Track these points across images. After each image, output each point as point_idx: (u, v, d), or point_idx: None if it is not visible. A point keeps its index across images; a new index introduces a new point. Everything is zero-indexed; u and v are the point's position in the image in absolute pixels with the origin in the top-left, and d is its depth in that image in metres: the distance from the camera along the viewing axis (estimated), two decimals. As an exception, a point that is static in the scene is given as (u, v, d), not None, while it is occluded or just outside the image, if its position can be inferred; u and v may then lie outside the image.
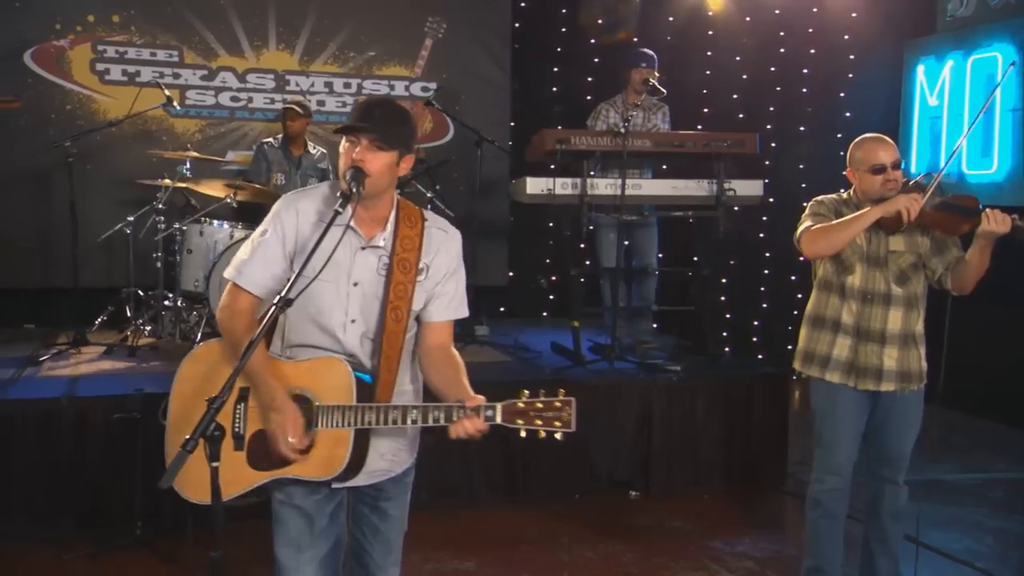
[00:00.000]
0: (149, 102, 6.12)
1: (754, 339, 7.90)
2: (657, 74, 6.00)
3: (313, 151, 6.29)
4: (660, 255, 6.67)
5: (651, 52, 6.14)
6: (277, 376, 2.43)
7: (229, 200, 5.54)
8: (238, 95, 7.12)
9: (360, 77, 7.43)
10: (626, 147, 5.28)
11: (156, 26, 6.96)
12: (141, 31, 6.93)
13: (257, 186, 5.66)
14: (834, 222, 3.46)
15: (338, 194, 2.39)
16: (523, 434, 2.29)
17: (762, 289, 8.10)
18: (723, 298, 7.85)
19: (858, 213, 3.42)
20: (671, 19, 7.88)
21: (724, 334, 7.34)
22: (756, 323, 8.03)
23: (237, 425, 2.46)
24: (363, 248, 2.48)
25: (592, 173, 5.58)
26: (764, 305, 8.08)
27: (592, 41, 7.99)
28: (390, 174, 2.46)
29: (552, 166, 5.50)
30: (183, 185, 5.65)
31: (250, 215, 5.58)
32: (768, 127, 7.86)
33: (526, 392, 2.31)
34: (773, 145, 7.70)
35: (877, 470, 3.64)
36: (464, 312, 2.63)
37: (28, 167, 6.36)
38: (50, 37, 6.74)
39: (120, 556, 4.05)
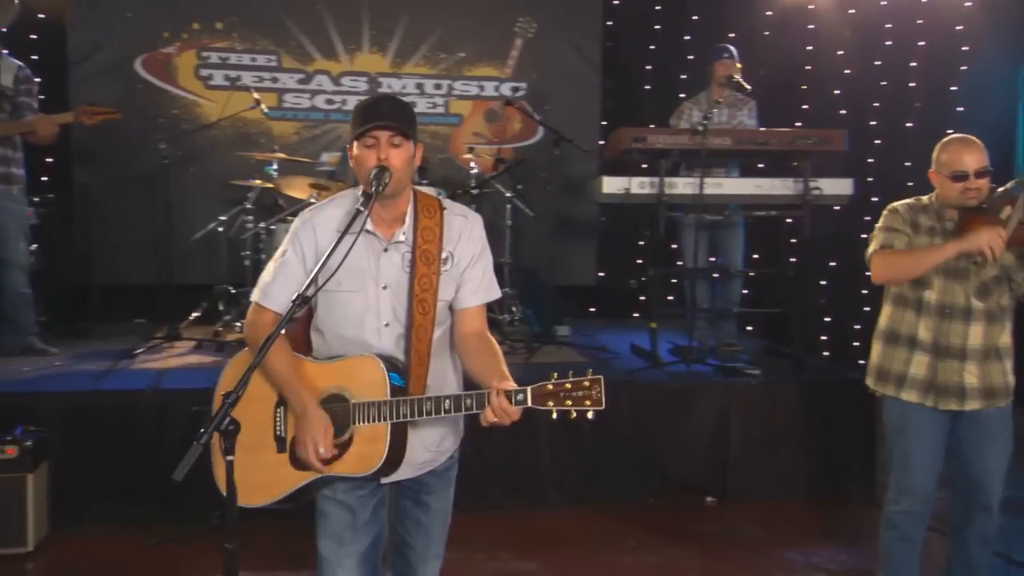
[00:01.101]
0: (243, 105, 6.37)
1: (854, 343, 7.61)
2: (739, 65, 5.84)
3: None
4: (756, 256, 6.53)
5: (731, 46, 6.00)
6: (312, 376, 2.49)
7: (312, 200, 5.70)
8: (332, 97, 7.31)
9: (450, 78, 7.53)
10: (705, 145, 5.17)
11: (256, 32, 7.22)
12: (242, 37, 7.21)
13: (342, 185, 5.81)
14: (907, 253, 3.29)
15: (359, 194, 2.44)
16: (555, 415, 2.29)
17: (863, 292, 7.78)
18: (822, 301, 7.60)
19: (933, 249, 3.23)
20: (768, 13, 7.67)
21: (823, 338, 7.11)
22: (856, 327, 7.72)
23: (279, 428, 2.53)
24: (385, 249, 2.52)
25: (678, 172, 5.52)
26: (866, 308, 7.76)
27: (687, 38, 7.86)
28: (410, 167, 2.50)
29: (644, 165, 5.45)
30: (270, 185, 5.85)
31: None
32: (872, 123, 7.55)
33: (555, 375, 2.31)
34: (878, 142, 7.40)
35: (964, 492, 3.45)
36: (494, 295, 2.65)
37: (138, 169, 6.69)
38: (158, 45, 7.10)
39: (196, 543, 4.20)
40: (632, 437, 5.01)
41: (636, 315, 7.71)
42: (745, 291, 6.73)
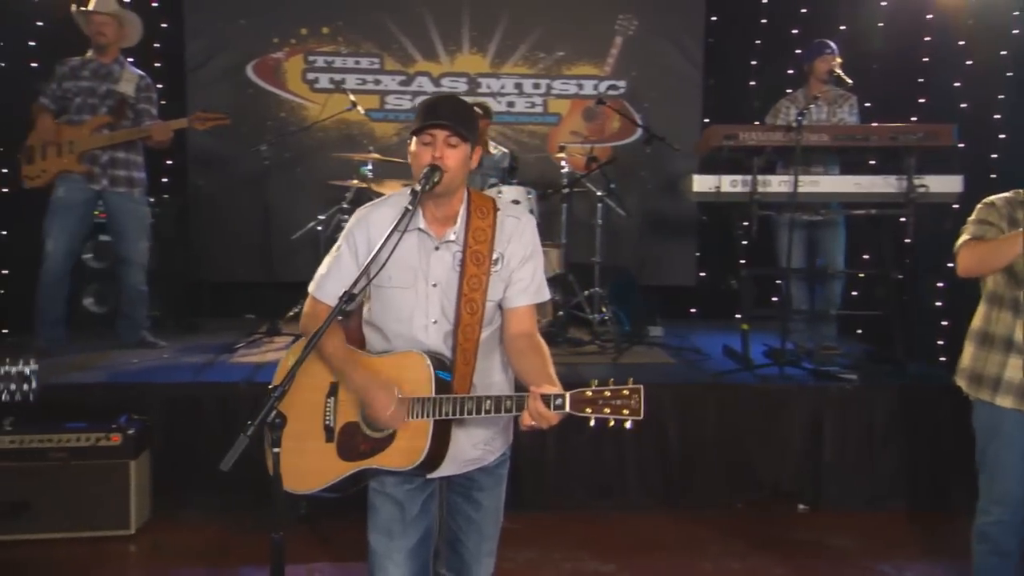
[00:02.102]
0: (340, 107, 6.58)
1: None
2: (839, 60, 5.65)
3: (494, 151, 6.45)
4: (867, 256, 6.30)
5: (830, 41, 5.81)
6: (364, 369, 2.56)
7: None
8: (433, 98, 7.42)
9: (549, 77, 7.55)
10: (800, 142, 5.01)
11: (360, 35, 7.42)
12: (347, 41, 7.42)
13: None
14: (991, 241, 3.12)
15: (409, 191, 2.48)
16: (592, 423, 2.27)
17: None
18: (938, 304, 7.26)
19: (1015, 233, 3.06)
20: (883, 3, 7.37)
21: (940, 343, 6.79)
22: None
23: (328, 418, 2.61)
24: (436, 248, 2.55)
25: (774, 170, 5.37)
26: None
27: (795, 31, 7.64)
28: (465, 168, 2.53)
29: (753, 162, 5.31)
30: (365, 186, 6.00)
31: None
32: (996, 117, 7.16)
33: (595, 381, 2.30)
34: (1002, 136, 7.01)
35: None
36: (543, 296, 2.66)
37: (247, 170, 6.97)
38: (269, 50, 7.39)
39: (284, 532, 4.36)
40: (720, 441, 4.91)
41: (738, 316, 7.53)
42: (854, 293, 6.50)
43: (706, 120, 7.57)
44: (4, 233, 6.77)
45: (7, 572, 4.08)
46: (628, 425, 2.25)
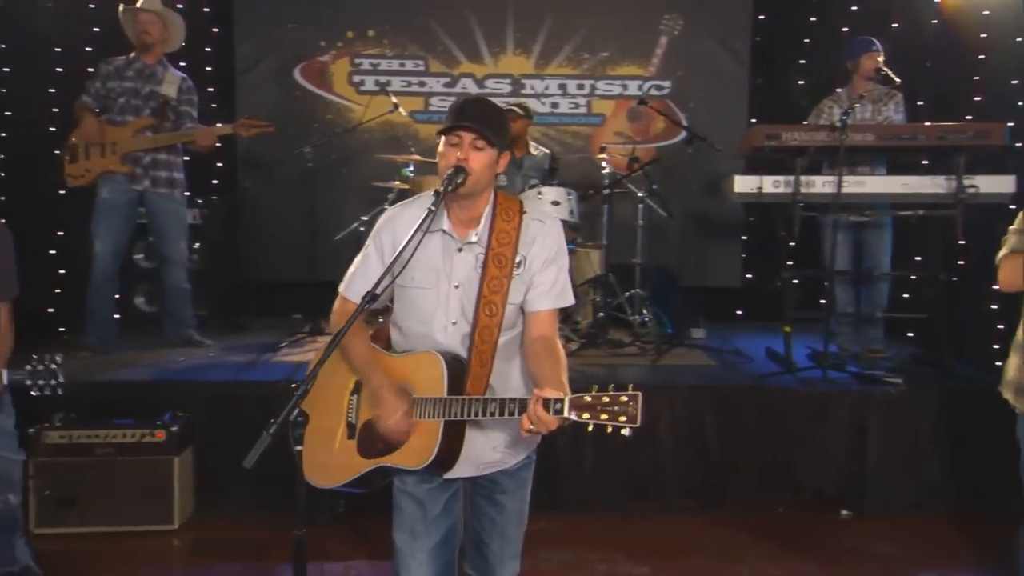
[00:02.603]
0: (383, 109, 6.65)
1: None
2: (883, 58, 5.54)
3: (535, 152, 6.45)
4: (919, 258, 6.16)
5: (874, 38, 5.70)
6: (384, 368, 2.59)
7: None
8: (477, 100, 7.44)
9: (593, 78, 7.53)
10: (844, 142, 4.93)
11: (405, 37, 7.48)
12: (392, 44, 7.49)
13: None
14: None
15: (433, 192, 2.50)
16: (590, 428, 2.24)
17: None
18: (994, 307, 7.07)
19: None
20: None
21: (995, 347, 6.62)
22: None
23: (350, 415, 2.65)
24: (460, 249, 2.57)
25: (819, 170, 5.29)
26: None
27: (845, 29, 7.50)
28: (490, 171, 2.54)
29: (796, 163, 5.24)
30: (407, 187, 6.05)
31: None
32: (1060, 114, 6.96)
33: (596, 386, 2.28)
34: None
35: None
36: (566, 301, 2.65)
37: (293, 172, 7.04)
38: (316, 54, 7.48)
39: (322, 530, 4.38)
40: (761, 444, 4.86)
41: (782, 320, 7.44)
42: (905, 295, 6.37)
43: (752, 120, 7.48)
44: (60, 234, 6.95)
45: (55, 564, 4.18)
46: (626, 432, 2.21)
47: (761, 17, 7.63)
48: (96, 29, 6.81)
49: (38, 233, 6.62)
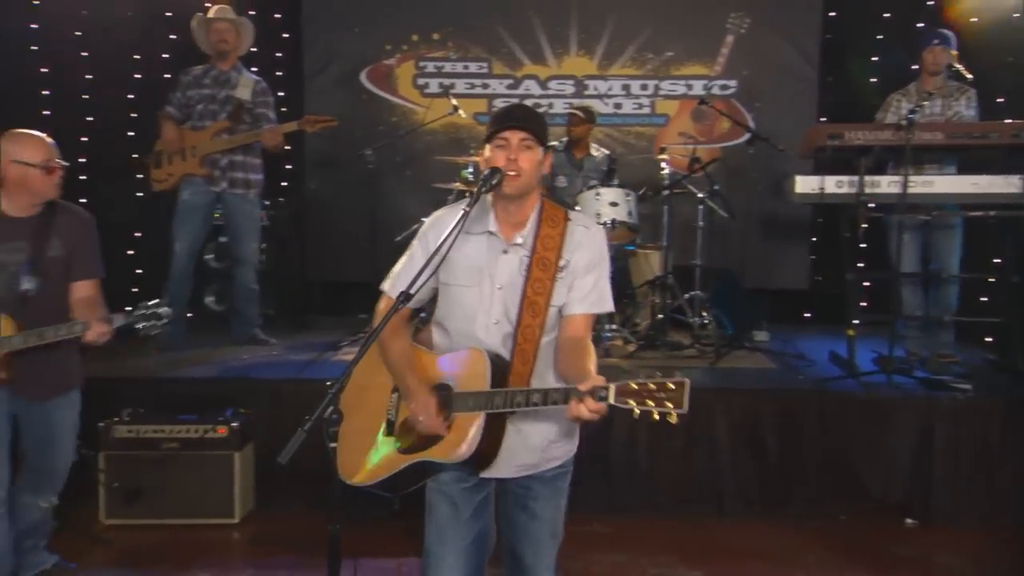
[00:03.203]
0: (443, 111, 6.74)
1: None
2: (955, 52, 5.37)
3: (596, 154, 6.42)
4: (998, 260, 5.94)
5: (946, 31, 5.52)
6: (425, 366, 2.63)
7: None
8: (540, 101, 7.46)
9: (657, 78, 7.48)
10: (910, 140, 4.80)
11: (470, 40, 7.53)
12: (457, 46, 7.54)
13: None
14: None
15: (488, 197, 2.53)
16: (636, 414, 2.22)
17: None
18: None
19: None
20: (1014, -10, 6.95)
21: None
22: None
23: (390, 413, 2.69)
24: (505, 251, 2.59)
25: (884, 170, 5.16)
26: None
27: (920, 25, 7.29)
28: (539, 171, 2.56)
29: (860, 162, 5.11)
30: (466, 188, 6.08)
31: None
32: None
33: (643, 372, 2.27)
34: None
35: None
36: (604, 307, 2.65)
37: (358, 174, 7.13)
38: (381, 57, 7.58)
39: (377, 526, 4.42)
40: (821, 449, 4.75)
41: (856, 322, 7.26)
42: (983, 298, 6.15)
43: (822, 119, 7.33)
44: (138, 235, 7.20)
45: (122, 553, 4.34)
46: (673, 419, 2.19)
47: (832, 14, 7.47)
48: (172, 36, 7.02)
49: (117, 234, 6.86)
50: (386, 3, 7.51)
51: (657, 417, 2.21)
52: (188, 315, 6.08)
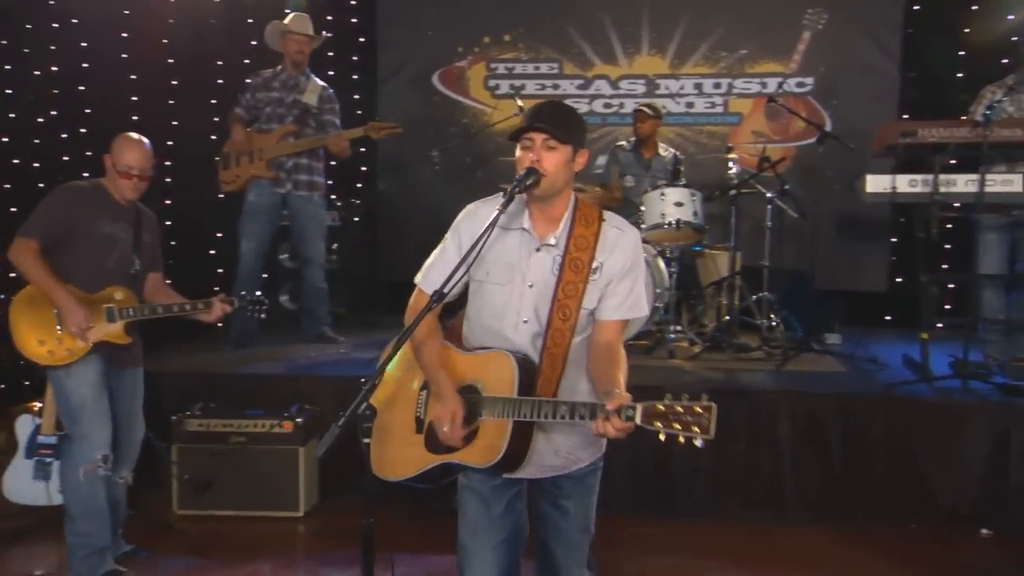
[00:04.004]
0: (508, 113, 6.82)
1: None
2: None
3: (664, 153, 6.36)
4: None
5: None
6: (454, 365, 2.64)
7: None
8: (610, 101, 7.45)
9: (730, 77, 7.38)
10: (987, 138, 4.61)
11: (540, 41, 7.57)
12: (527, 47, 7.59)
13: (597, 189, 5.92)
14: None
15: (504, 193, 2.52)
16: (662, 437, 2.20)
17: None
18: None
19: None
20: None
21: None
22: None
23: (419, 410, 2.71)
24: (537, 250, 2.58)
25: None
26: None
27: (1011, 17, 7.00)
28: (566, 171, 2.53)
29: (935, 160, 4.96)
30: (530, 189, 6.08)
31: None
32: None
33: (669, 395, 2.24)
34: None
35: None
36: (639, 312, 2.61)
37: (429, 175, 7.20)
38: (453, 60, 7.68)
39: (436, 519, 4.48)
40: (890, 455, 4.60)
41: (939, 325, 7.02)
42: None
43: (904, 116, 7.11)
44: (219, 235, 7.42)
45: (192, 542, 4.48)
46: (698, 443, 2.16)
47: (916, 8, 7.23)
48: (253, 43, 7.22)
49: (199, 235, 7.11)
50: (458, 6, 7.61)
51: (682, 441, 2.18)
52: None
